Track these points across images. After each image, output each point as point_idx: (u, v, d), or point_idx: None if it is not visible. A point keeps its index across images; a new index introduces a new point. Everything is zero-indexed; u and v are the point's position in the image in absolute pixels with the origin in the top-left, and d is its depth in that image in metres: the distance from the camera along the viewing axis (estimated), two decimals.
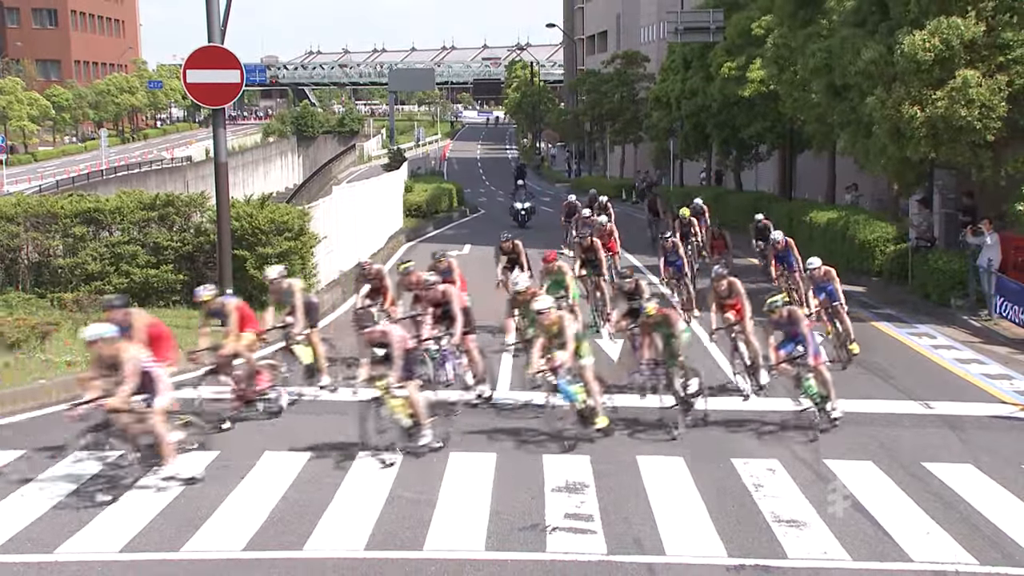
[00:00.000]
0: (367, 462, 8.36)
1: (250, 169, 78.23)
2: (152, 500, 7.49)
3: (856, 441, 9.10)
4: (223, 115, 13.52)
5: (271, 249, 14.61)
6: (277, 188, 76.70)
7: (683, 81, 33.16)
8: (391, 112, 58.82)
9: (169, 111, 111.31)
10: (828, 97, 18.19)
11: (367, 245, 21.69)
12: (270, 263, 14.51)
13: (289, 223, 14.94)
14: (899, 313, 15.75)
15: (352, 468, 8.22)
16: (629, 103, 53.65)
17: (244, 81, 13.43)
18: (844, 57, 16.63)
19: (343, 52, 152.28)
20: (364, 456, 8.47)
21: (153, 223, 15.21)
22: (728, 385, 11.07)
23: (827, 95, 18.19)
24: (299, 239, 15.08)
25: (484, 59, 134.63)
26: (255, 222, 14.68)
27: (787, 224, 24.41)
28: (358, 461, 8.38)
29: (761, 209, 27.39)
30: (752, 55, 26.09)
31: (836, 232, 20.49)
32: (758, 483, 7.93)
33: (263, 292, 14.51)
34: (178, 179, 59.15)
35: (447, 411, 9.11)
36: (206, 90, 13.11)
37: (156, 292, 14.85)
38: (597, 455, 8.55)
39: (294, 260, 14.89)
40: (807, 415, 9.42)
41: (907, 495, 7.70)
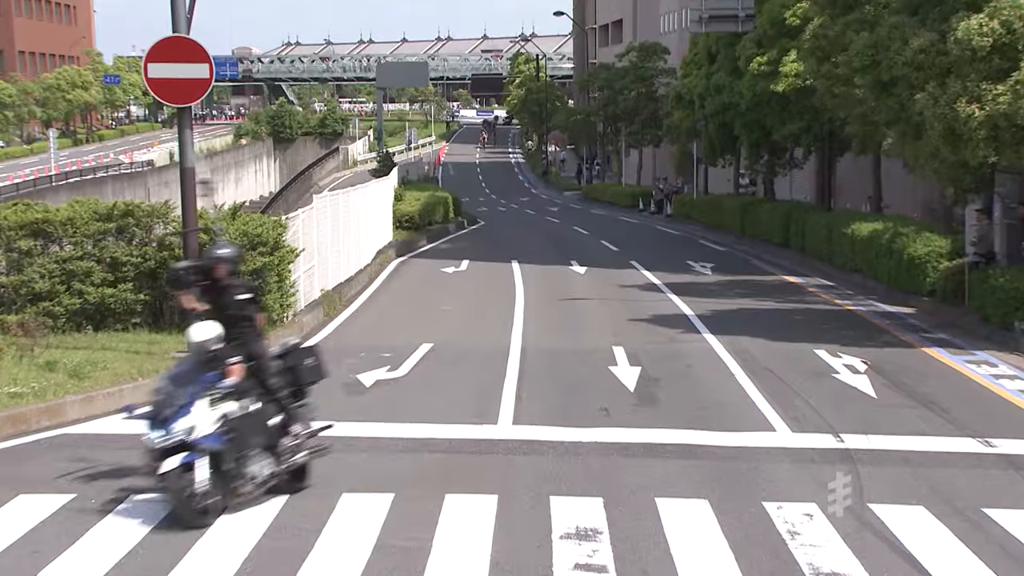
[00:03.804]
0: (351, 504, 8.38)
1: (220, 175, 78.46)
2: (105, 552, 7.49)
3: (905, 483, 9.12)
4: (189, 114, 13.61)
5: (244, 265, 14.60)
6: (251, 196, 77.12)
7: (707, 76, 33.37)
8: (379, 111, 59.00)
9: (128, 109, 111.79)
10: (873, 93, 18.26)
11: (352, 260, 21.78)
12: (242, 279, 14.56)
13: (264, 236, 15.03)
14: (954, 338, 15.79)
15: (335, 511, 8.24)
16: (647, 101, 53.90)
17: (214, 76, 13.53)
18: (891, 47, 16.70)
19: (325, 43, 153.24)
20: (348, 496, 8.50)
21: (110, 236, 15.26)
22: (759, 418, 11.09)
23: (872, 91, 18.26)
24: (275, 254, 15.18)
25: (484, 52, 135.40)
26: (226, 235, 14.68)
27: (826, 237, 24.54)
28: (341, 502, 8.41)
29: (795, 221, 27.59)
30: (786, 47, 26.27)
31: (881, 246, 20.55)
32: (794, 530, 7.94)
33: None
34: (138, 186, 59.37)
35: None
36: (170, 86, 13.22)
37: (114, 314, 14.90)
38: (611, 496, 8.57)
39: (269, 277, 14.97)
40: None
41: (965, 545, 7.70)
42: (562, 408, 11.56)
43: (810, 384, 12.72)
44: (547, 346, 15.29)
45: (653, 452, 9.90)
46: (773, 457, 9.78)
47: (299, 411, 8.73)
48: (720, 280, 23.21)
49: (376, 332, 16.91)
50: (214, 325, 8.30)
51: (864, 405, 11.74)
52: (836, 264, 23.73)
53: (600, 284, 22.52)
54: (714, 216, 37.26)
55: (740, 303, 19.74)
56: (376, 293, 21.39)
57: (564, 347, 15.24)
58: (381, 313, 19.05)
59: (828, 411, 11.32)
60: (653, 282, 22.48)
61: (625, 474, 9.24)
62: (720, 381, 12.93)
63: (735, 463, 9.59)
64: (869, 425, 10.77)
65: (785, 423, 10.87)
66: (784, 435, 10.52)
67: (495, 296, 20.82)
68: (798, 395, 12.10)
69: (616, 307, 19.26)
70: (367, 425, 10.75)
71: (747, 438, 10.33)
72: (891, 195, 27.72)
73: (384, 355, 14.32)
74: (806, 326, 17.09)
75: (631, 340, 15.56)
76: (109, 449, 9.85)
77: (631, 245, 31.36)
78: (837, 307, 19.26)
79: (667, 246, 31.91)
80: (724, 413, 11.36)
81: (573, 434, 10.39)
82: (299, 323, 16.14)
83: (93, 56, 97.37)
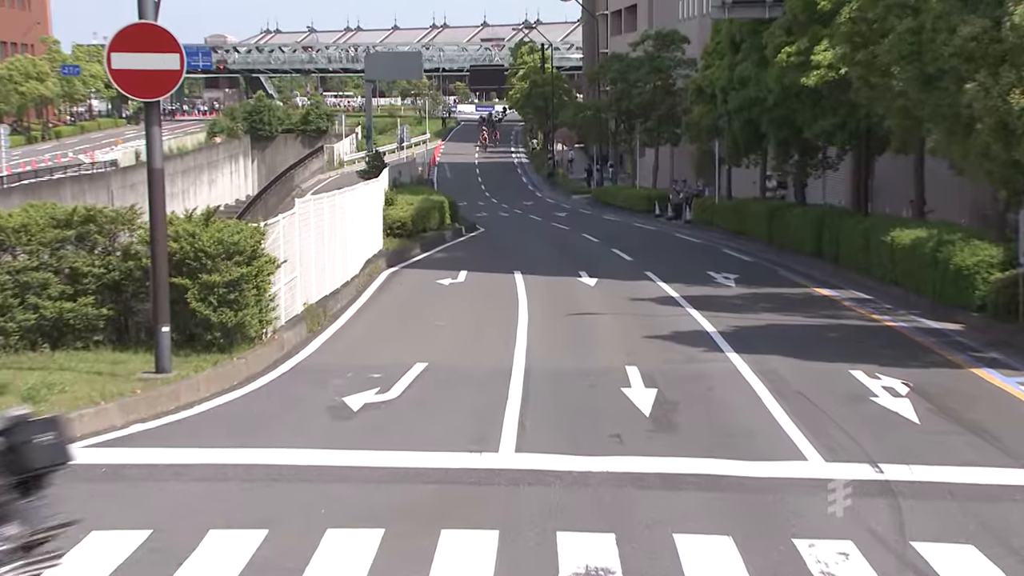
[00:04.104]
0: (337, 540, 8.40)
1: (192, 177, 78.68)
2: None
3: (952, 519, 9.12)
4: (158, 110, 13.68)
5: (218, 276, 14.74)
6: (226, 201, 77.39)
7: (731, 67, 33.49)
8: (368, 106, 59.03)
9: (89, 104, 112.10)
10: (916, 86, 18.28)
11: (338, 271, 21.82)
12: (216, 293, 14.63)
13: (240, 244, 15.07)
14: (1007, 357, 15.80)
15: (319, 549, 8.26)
16: (664, 95, 54.11)
17: (185, 67, 13.59)
18: (937, 37, 16.73)
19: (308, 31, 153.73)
20: (333, 533, 8.52)
21: (69, 244, 15.31)
22: (788, 445, 11.11)
23: (915, 84, 18.29)
24: (253, 264, 15.22)
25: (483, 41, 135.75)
26: (198, 243, 14.80)
27: (863, 245, 24.57)
28: (326, 539, 8.43)
29: (829, 227, 27.63)
30: (818, 35, 26.35)
31: (924, 255, 20.57)
32: (828, 571, 7.96)
33: (207, 330, 14.68)
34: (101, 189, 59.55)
35: None
36: (136, 78, 13.29)
37: (73, 331, 14.94)
38: (624, 532, 8.59)
39: (247, 290, 15.03)
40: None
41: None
42: (570, 434, 11.57)
43: (845, 409, 12.72)
44: (553, 366, 15.30)
45: (671, 483, 9.92)
46: (804, 489, 9.78)
47: (23, 508, 6.61)
48: (745, 293, 23.23)
49: (364, 350, 16.93)
50: None
51: (906, 432, 11.75)
52: (874, 275, 23.75)
53: (612, 297, 22.54)
54: (738, 222, 37.30)
55: (767, 318, 19.77)
56: (365, 307, 21.42)
57: (572, 367, 15.25)
58: (370, 329, 19.07)
59: (865, 438, 11.33)
60: (670, 295, 22.50)
61: (640, 507, 9.25)
62: (745, 405, 12.95)
63: (762, 496, 9.60)
64: (911, 454, 10.78)
65: (818, 452, 10.88)
66: (816, 465, 10.53)
67: (496, 310, 20.84)
68: (832, 421, 12.11)
69: (630, 323, 19.28)
70: (354, 453, 10.78)
71: (775, 468, 10.34)
72: (936, 198, 27.75)
73: (373, 376, 14.33)
74: (840, 344, 17.09)
75: (646, 359, 15.57)
76: (66, 483, 9.83)
77: (646, 254, 31.38)
78: (875, 323, 19.27)
79: (686, 255, 31.93)
80: (750, 440, 11.38)
81: (582, 463, 10.41)
82: (280, 340, 16.16)
83: (49, 44, 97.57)
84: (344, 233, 22.53)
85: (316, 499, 9.30)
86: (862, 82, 21.56)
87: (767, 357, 15.61)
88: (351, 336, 18.26)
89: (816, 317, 19.93)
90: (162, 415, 12.30)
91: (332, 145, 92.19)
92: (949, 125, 17.25)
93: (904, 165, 29.01)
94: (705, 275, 26.09)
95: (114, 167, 66.45)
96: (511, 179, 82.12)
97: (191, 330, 14.84)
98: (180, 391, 12.91)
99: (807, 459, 10.69)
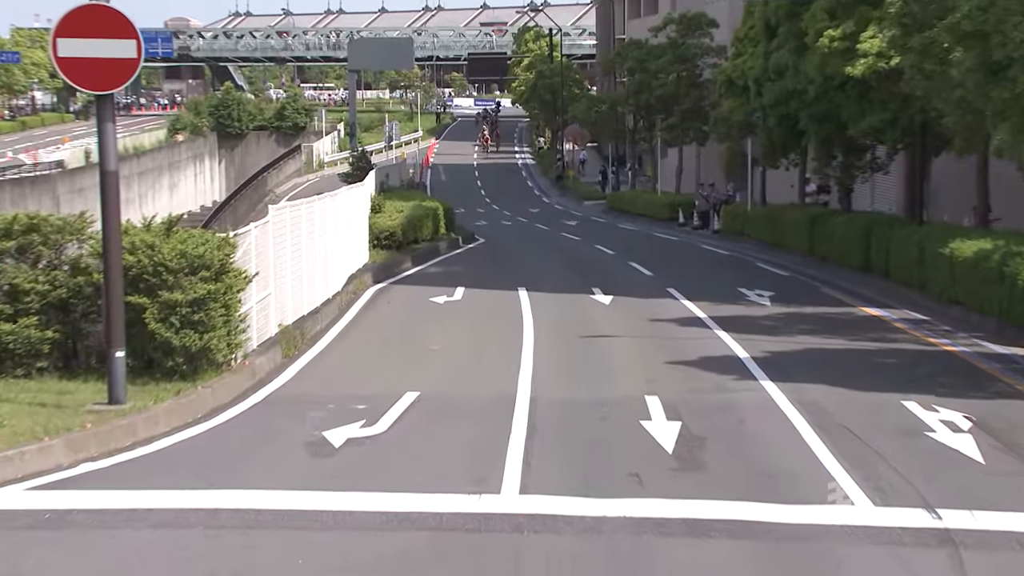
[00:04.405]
0: None
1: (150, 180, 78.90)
2: None
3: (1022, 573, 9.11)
4: (111, 103, 13.69)
5: (180, 294, 14.76)
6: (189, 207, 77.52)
7: (766, 55, 33.58)
8: (352, 100, 59.19)
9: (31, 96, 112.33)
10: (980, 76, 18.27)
11: (318, 288, 21.88)
12: (179, 313, 14.65)
13: (207, 257, 15.11)
14: None
15: None
16: (689, 87, 54.29)
17: (143, 55, 13.64)
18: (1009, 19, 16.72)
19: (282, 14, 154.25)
20: None
21: (8, 257, 15.33)
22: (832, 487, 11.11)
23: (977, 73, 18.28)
24: (221, 280, 15.24)
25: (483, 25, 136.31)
26: (158, 256, 14.82)
27: (916, 258, 24.59)
28: None
29: (878, 238, 27.65)
30: (866, 17, 26.41)
31: (989, 270, 20.58)
32: None
33: (168, 355, 14.69)
34: (45, 194, 59.69)
35: None
36: (86, 67, 13.32)
37: (13, 356, 14.94)
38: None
39: (213, 309, 15.07)
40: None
41: None
42: (582, 474, 11.58)
43: (897, 445, 12.71)
44: (563, 395, 15.33)
45: (697, 530, 9.92)
46: (851, 538, 9.78)
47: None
48: (781, 313, 23.26)
49: (348, 378, 16.97)
50: None
51: (968, 473, 11.73)
52: (930, 292, 23.75)
53: (630, 317, 22.59)
54: (773, 232, 37.33)
55: (807, 342, 19.77)
56: (348, 329, 21.46)
57: (584, 396, 15.27)
58: (354, 354, 19.10)
59: (921, 480, 11.31)
60: (696, 315, 22.52)
61: (661, 558, 9.26)
62: (782, 440, 12.95)
63: (802, 545, 9.59)
64: (974, 498, 10.75)
65: (866, 495, 10.86)
66: (865, 510, 10.53)
67: (497, 332, 20.89)
68: (882, 459, 12.10)
69: (650, 346, 19.31)
70: (336, 496, 10.78)
71: (817, 513, 10.34)
72: (1002, 205, 27.78)
73: (357, 407, 14.35)
74: (892, 372, 17.09)
75: (669, 388, 15.58)
76: (3, 531, 9.87)
77: (668, 268, 31.44)
78: (932, 347, 19.27)
79: (714, 270, 31.98)
80: (787, 481, 11.37)
81: (596, 507, 10.42)
82: (251, 367, 16.19)
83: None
84: (325, 245, 22.59)
85: (292, 548, 9.31)
86: (916, 71, 21.60)
87: (807, 386, 15.60)
88: (333, 362, 18.28)
89: (863, 340, 19.93)
90: (115, 452, 12.28)
91: (311, 144, 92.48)
92: (1018, 122, 17.25)
93: (965, 167, 29.04)
94: (736, 292, 26.10)
95: (60, 169, 66.61)
96: (514, 183, 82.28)
97: (149, 355, 14.85)
98: (136, 425, 12.90)
99: (853, 503, 10.68)
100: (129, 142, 77.75)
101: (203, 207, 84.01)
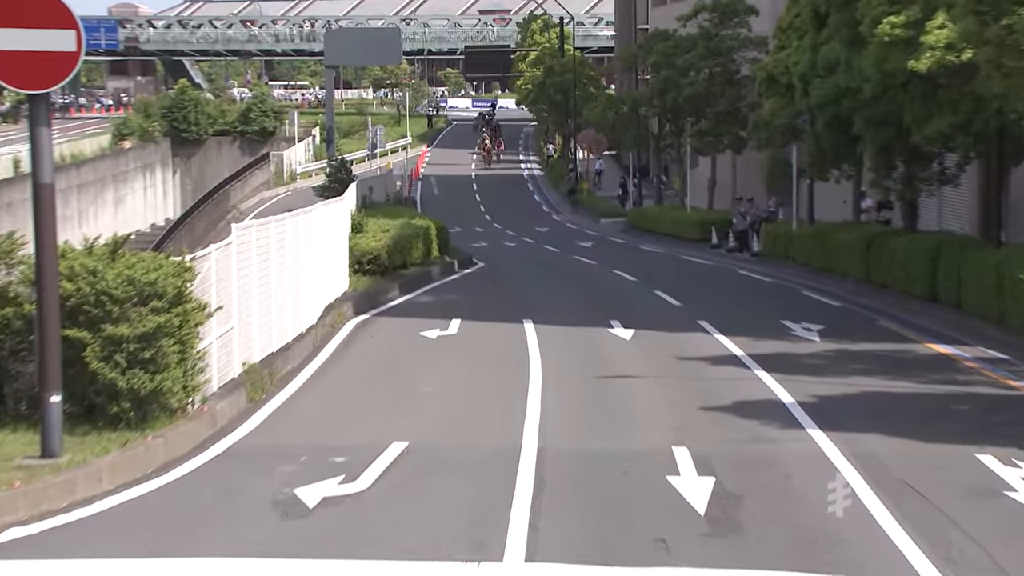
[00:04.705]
0: None
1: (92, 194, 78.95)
2: None
3: None
4: (46, 104, 13.68)
5: (128, 328, 14.69)
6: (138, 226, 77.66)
7: (814, 48, 33.56)
8: (329, 101, 59.15)
9: None
10: None
11: (289, 321, 21.83)
12: (126, 350, 14.59)
13: (159, 285, 15.04)
14: None
15: None
16: (723, 85, 54.23)
17: (84, 48, 13.61)
18: None
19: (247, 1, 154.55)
20: None
21: None
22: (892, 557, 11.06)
23: None
24: (175, 311, 15.17)
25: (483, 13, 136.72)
26: (101, 283, 14.75)
27: (993, 285, 24.53)
28: None
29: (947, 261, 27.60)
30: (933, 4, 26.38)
31: None
32: None
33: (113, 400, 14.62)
34: None
35: None
36: (16, 62, 13.28)
37: None
38: None
39: (167, 346, 14.99)
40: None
41: None
42: (598, 538, 11.53)
43: (971, 507, 12.64)
44: (576, 446, 15.30)
45: None
46: None
47: None
48: (832, 350, 23.19)
49: (324, 426, 16.93)
50: None
51: None
52: (1010, 326, 23.70)
53: (654, 355, 22.58)
54: (823, 255, 37.24)
55: (862, 384, 19.70)
56: (325, 368, 21.44)
57: (601, 447, 15.24)
58: (332, 398, 19.09)
59: (999, 548, 11.23)
60: (732, 352, 22.48)
61: None
62: (833, 500, 12.88)
63: None
64: None
65: (933, 564, 10.80)
66: None
67: (499, 372, 20.92)
68: (952, 523, 12.04)
69: (677, 389, 19.29)
70: (309, 565, 10.73)
71: None
72: None
73: (336, 460, 14.32)
74: (964, 420, 17.05)
75: (700, 438, 15.55)
76: None
77: (700, 297, 31.43)
78: (1012, 391, 19.21)
79: (753, 299, 31.94)
80: (839, 548, 11.30)
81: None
82: (211, 413, 16.14)
83: None
84: (297, 270, 22.55)
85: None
86: (993, 67, 21.56)
87: (862, 436, 15.55)
88: (306, 407, 18.26)
89: (929, 383, 19.87)
90: (50, 515, 12.20)
91: (281, 152, 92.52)
92: None
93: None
94: (778, 325, 26.05)
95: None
96: (519, 197, 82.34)
97: (90, 400, 14.79)
98: (75, 482, 12.83)
99: (919, 574, 10.63)
100: (67, 149, 77.76)
101: (154, 226, 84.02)
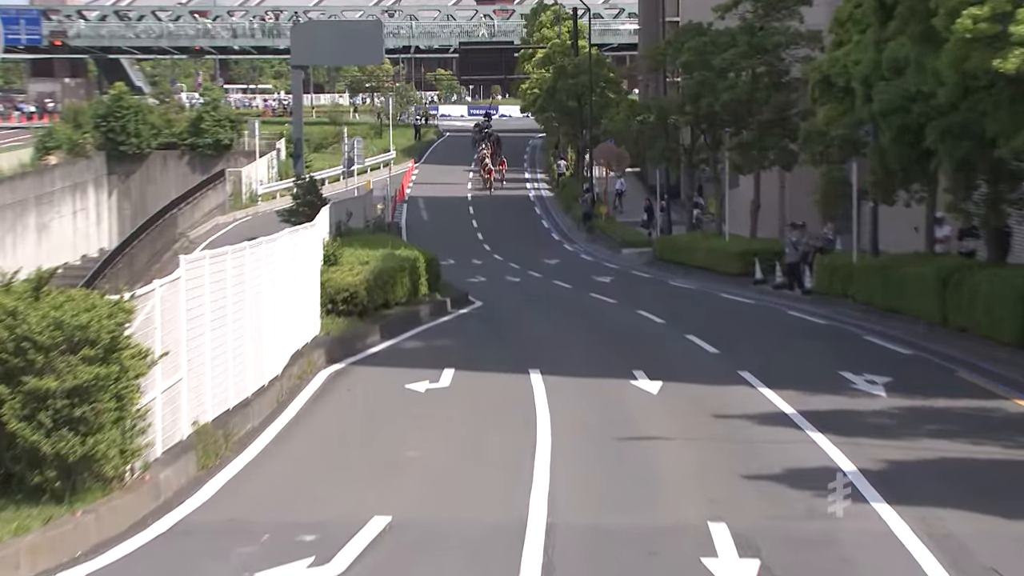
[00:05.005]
0: None
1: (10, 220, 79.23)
2: None
3: None
4: None
5: (55, 381, 14.66)
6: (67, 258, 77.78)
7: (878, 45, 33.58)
8: (296, 108, 59.16)
9: None
10: None
11: (249, 371, 21.73)
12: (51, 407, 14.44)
13: (91, 329, 15.01)
14: None
15: None
16: (769, 90, 54.27)
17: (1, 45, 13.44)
18: None
19: None
20: None
21: None
22: None
23: None
24: (112, 360, 15.14)
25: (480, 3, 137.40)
26: (22, 327, 14.76)
27: None
28: None
29: None
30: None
31: None
32: None
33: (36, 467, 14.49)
34: None
35: None
36: None
37: None
38: None
39: (101, 402, 14.93)
40: None
41: None
42: None
43: None
44: (591, 521, 15.31)
45: None
46: None
47: None
48: (901, 407, 23.10)
49: (290, 497, 16.92)
50: None
51: None
52: None
53: (685, 412, 22.55)
54: (889, 292, 37.12)
55: (938, 448, 19.62)
56: (291, 427, 21.46)
57: (622, 523, 15.23)
58: (299, 463, 19.15)
59: None
60: (780, 409, 22.43)
61: None
62: None
63: None
64: None
65: None
66: None
67: (501, 432, 20.92)
68: None
69: (714, 453, 19.29)
70: None
71: None
72: None
73: (304, 539, 14.34)
74: None
75: (741, 512, 15.52)
76: None
77: (740, 344, 31.50)
78: None
79: (805, 345, 32.06)
80: None
81: None
82: (154, 482, 16.09)
83: None
84: (258, 310, 22.52)
85: None
86: None
87: (939, 512, 15.46)
88: (269, 474, 18.27)
89: (1020, 447, 19.83)
90: None
91: (239, 169, 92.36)
92: None
93: None
94: (836, 377, 25.98)
95: None
96: (524, 223, 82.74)
97: (7, 467, 14.75)
98: None
99: None
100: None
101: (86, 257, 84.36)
